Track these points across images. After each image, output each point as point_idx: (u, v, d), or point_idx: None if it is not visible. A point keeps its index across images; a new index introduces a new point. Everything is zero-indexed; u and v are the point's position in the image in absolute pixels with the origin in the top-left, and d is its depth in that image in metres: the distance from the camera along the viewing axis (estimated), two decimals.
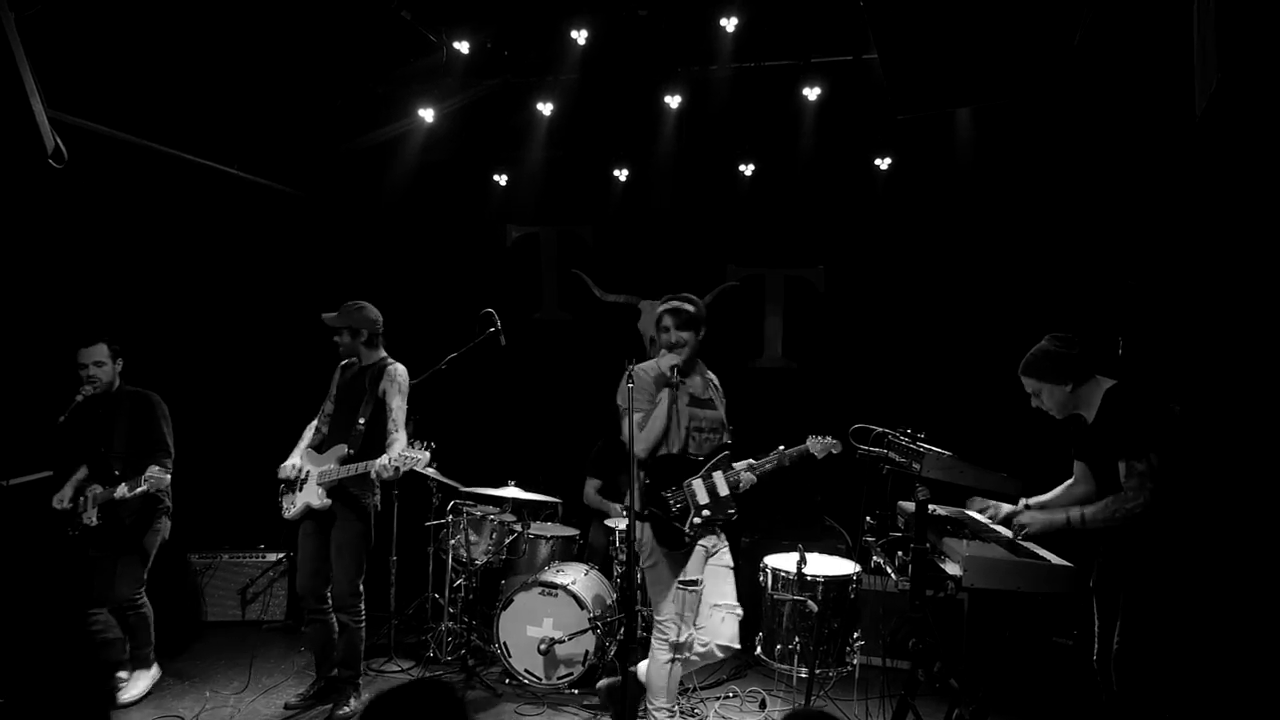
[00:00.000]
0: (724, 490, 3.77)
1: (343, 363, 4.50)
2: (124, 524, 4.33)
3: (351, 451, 4.18)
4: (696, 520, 3.74)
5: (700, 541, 3.78)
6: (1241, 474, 3.61)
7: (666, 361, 3.74)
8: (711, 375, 4.04)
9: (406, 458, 3.98)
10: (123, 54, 4.64)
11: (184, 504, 4.58)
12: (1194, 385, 3.80)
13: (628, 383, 3.54)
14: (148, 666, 4.45)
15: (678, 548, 3.74)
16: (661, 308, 3.83)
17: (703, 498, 3.76)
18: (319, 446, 4.35)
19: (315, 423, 4.51)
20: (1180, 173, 4.00)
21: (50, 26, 3.78)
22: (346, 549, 4.22)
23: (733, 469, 3.83)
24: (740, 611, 3.93)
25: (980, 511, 3.75)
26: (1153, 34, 3.49)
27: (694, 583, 3.75)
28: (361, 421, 4.22)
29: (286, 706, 4.38)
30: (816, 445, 3.96)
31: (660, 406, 3.74)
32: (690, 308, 3.79)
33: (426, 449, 4.05)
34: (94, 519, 4.27)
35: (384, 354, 4.41)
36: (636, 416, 3.66)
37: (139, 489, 4.17)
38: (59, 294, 5.00)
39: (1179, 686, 3.14)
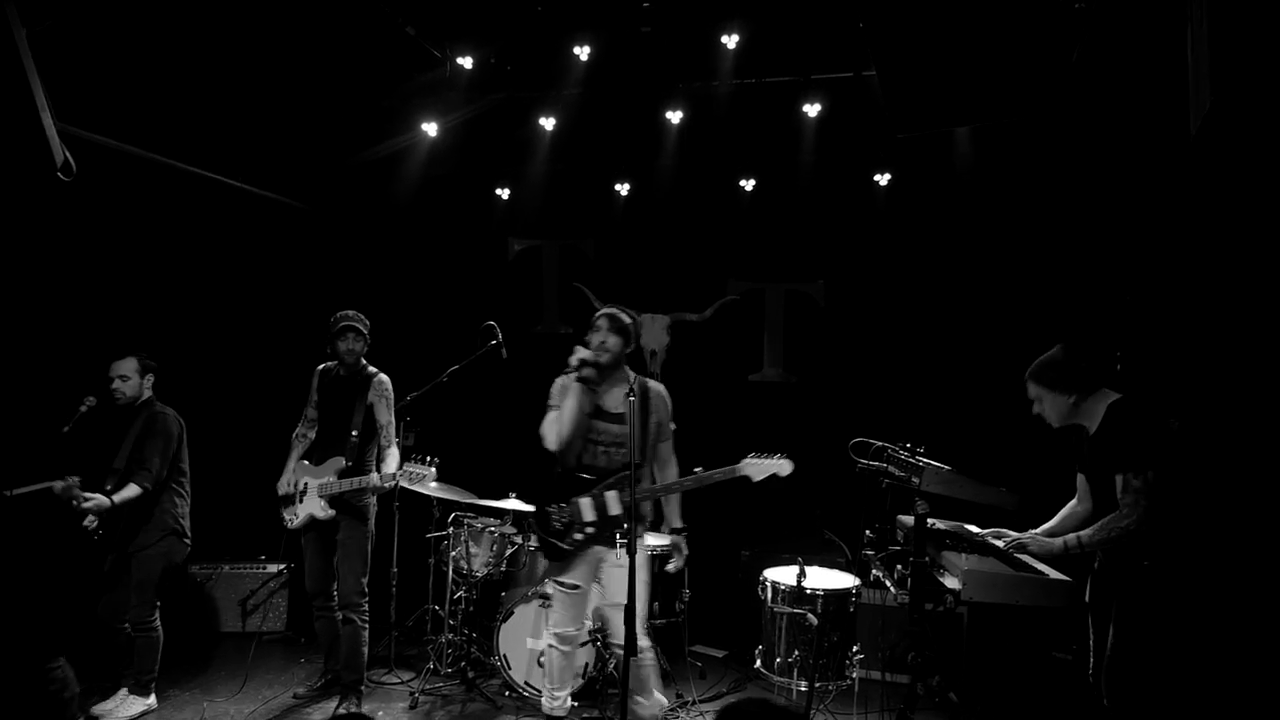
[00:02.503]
0: (615, 510, 3.67)
1: (320, 367, 4.57)
2: (125, 539, 4.27)
3: (349, 464, 4.31)
4: (578, 536, 3.71)
5: (590, 551, 3.74)
6: (1235, 489, 3.63)
7: (577, 356, 3.67)
8: (657, 393, 3.83)
9: (411, 473, 4.13)
10: (131, 68, 4.69)
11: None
12: (1190, 400, 3.81)
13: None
14: (145, 695, 4.37)
15: (557, 559, 3.79)
16: (601, 310, 3.83)
17: (589, 515, 3.71)
18: (311, 456, 4.43)
19: (300, 429, 4.57)
20: (1176, 190, 4.04)
21: (61, 41, 3.82)
22: (352, 549, 4.34)
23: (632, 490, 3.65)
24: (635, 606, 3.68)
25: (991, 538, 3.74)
26: (1148, 54, 3.53)
27: (573, 586, 3.75)
28: (355, 434, 4.35)
29: (295, 696, 4.57)
30: (754, 467, 3.64)
31: (568, 399, 3.72)
32: (625, 318, 3.79)
33: (432, 464, 4.15)
34: (95, 527, 4.18)
35: (365, 361, 4.51)
36: (551, 414, 3.75)
37: (92, 504, 4.05)
38: (65, 305, 5.03)
39: (1169, 700, 3.14)
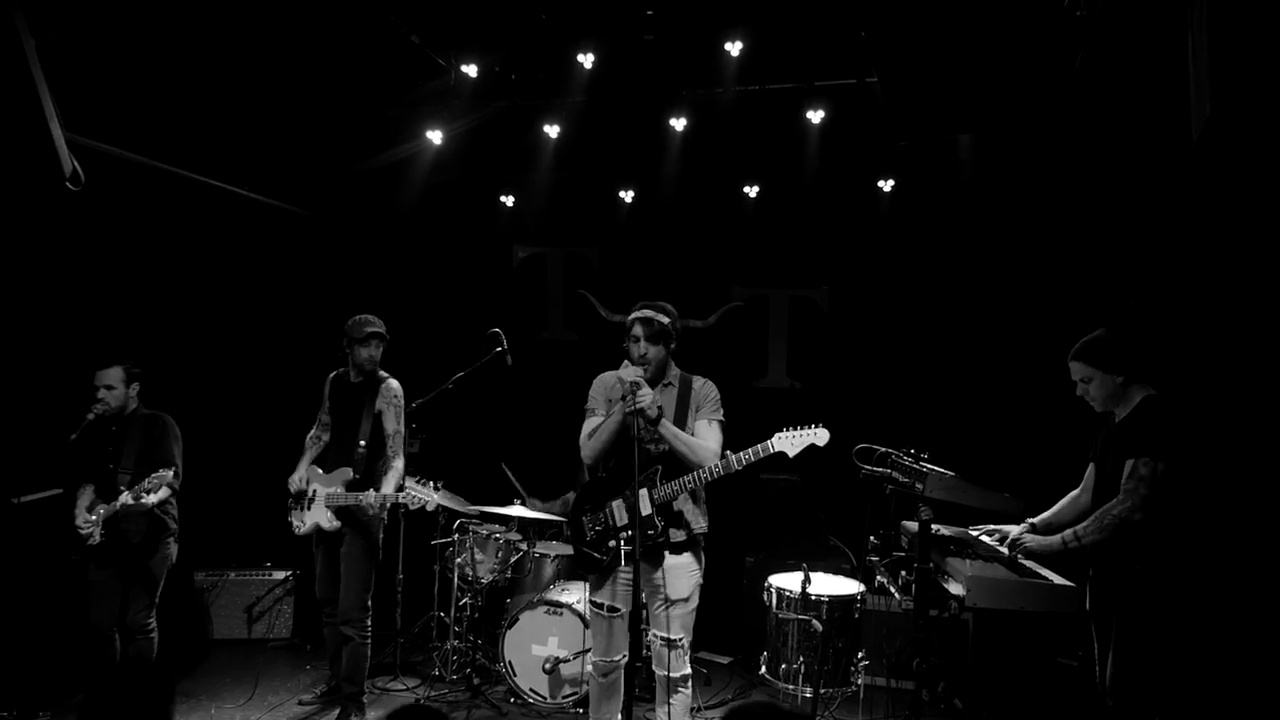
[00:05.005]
0: (646, 509, 3.43)
1: (332, 375, 4.57)
2: (130, 543, 4.20)
3: (357, 476, 4.29)
4: (611, 543, 3.50)
5: (626, 566, 3.45)
6: (1232, 495, 3.63)
7: (629, 374, 3.38)
8: (699, 385, 3.65)
9: (412, 495, 4.14)
10: (139, 78, 4.72)
11: (191, 521, 4.58)
12: (1193, 405, 3.81)
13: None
14: None
15: (592, 571, 3.60)
16: (634, 314, 3.53)
17: (621, 518, 3.50)
18: (322, 462, 4.42)
19: (314, 431, 4.57)
20: (1178, 196, 4.05)
21: (69, 52, 3.85)
22: (354, 565, 4.29)
23: (663, 485, 3.45)
24: (682, 642, 3.51)
25: (989, 535, 3.75)
26: (1150, 61, 3.54)
27: (612, 609, 3.53)
28: (362, 444, 4.32)
29: (301, 703, 4.57)
30: (787, 441, 3.38)
31: (612, 418, 3.48)
32: (664, 319, 3.49)
33: (431, 486, 4.19)
34: (98, 536, 4.10)
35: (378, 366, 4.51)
36: (593, 421, 3.62)
37: (143, 497, 4.05)
38: (74, 313, 5.06)
39: (1177, 706, 3.14)
